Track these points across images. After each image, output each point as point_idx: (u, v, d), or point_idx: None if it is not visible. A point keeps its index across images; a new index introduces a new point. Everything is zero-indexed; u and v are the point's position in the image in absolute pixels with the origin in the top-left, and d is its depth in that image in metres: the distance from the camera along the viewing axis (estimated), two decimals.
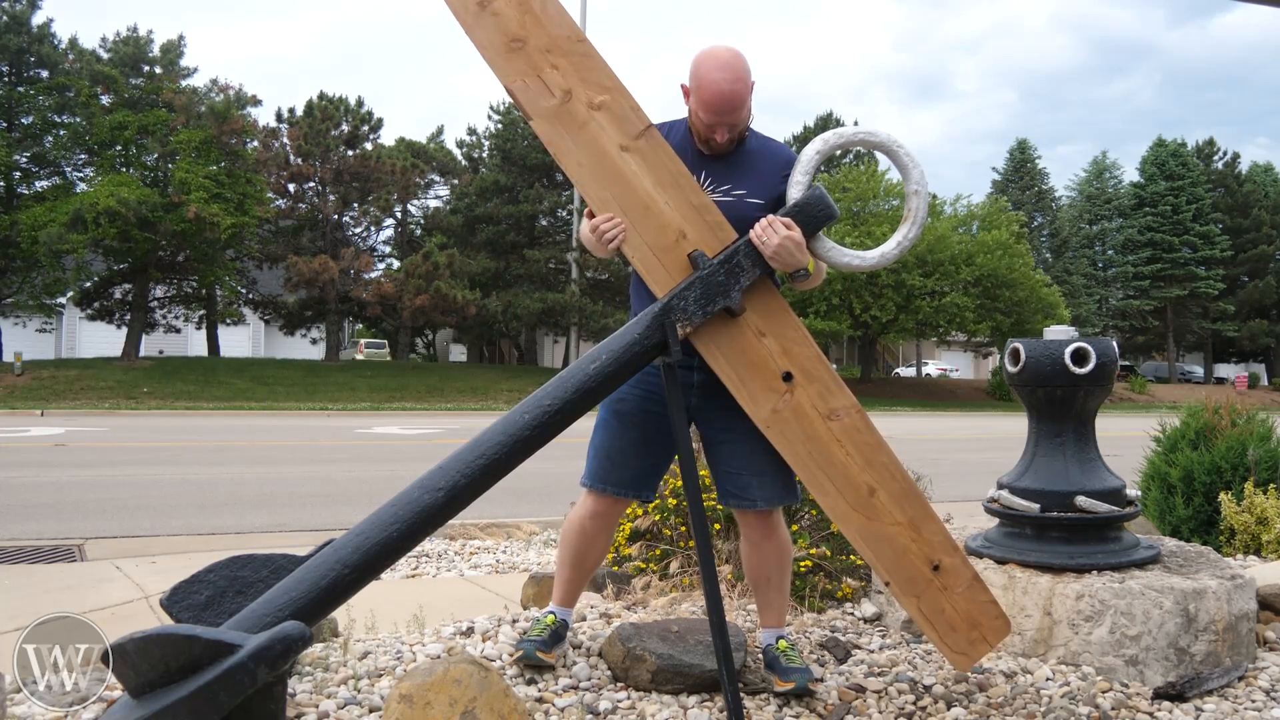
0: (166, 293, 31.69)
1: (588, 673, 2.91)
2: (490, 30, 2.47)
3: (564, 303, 30.85)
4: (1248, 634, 3.17)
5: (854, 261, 2.67)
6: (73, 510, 6.90)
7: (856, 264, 2.68)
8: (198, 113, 27.91)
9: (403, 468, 9.60)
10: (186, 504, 7.31)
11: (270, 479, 8.90)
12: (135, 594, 4.42)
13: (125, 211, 24.80)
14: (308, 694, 2.70)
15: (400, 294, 30.57)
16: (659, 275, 2.52)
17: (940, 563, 2.64)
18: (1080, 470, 3.35)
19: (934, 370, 46.62)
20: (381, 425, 17.33)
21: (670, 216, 2.53)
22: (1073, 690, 2.90)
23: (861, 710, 2.77)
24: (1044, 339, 3.43)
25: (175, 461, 10.41)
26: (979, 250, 31.10)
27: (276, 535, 6.04)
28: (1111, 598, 3.04)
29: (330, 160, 31.61)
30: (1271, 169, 50.24)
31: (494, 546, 5.74)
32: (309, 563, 2.12)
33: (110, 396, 22.74)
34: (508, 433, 2.25)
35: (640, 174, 2.52)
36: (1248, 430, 4.78)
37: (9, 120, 29.17)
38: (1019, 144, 47.75)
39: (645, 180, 2.52)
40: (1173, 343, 45.63)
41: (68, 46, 29.68)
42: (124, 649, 1.88)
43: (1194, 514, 4.64)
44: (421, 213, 39.17)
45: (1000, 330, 31.79)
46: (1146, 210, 44.79)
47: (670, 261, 2.52)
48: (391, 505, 2.18)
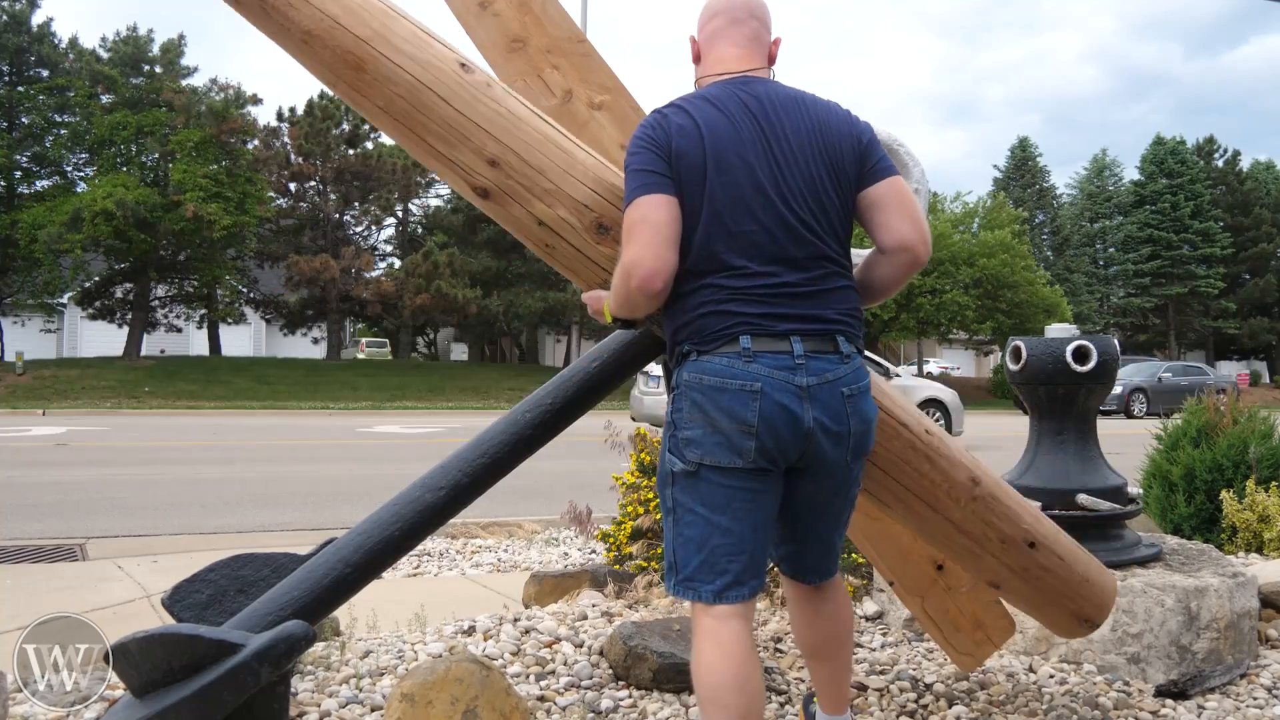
0: (168, 292, 31.69)
1: (589, 671, 2.91)
2: (491, 30, 2.47)
3: (565, 302, 30.86)
4: (1249, 632, 3.17)
5: (854, 260, 2.67)
6: (74, 509, 6.90)
7: (857, 263, 2.68)
8: (197, 112, 27.90)
9: (404, 467, 9.61)
10: (188, 503, 7.31)
11: (271, 478, 8.91)
12: (137, 593, 4.42)
13: (120, 212, 24.82)
14: (310, 693, 2.71)
15: (401, 293, 30.59)
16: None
17: (944, 563, 2.64)
18: (1082, 468, 3.35)
19: (935, 368, 46.63)
20: (383, 424, 17.33)
21: None
22: (1074, 688, 2.90)
23: (863, 708, 2.77)
24: (1045, 337, 3.43)
25: (177, 461, 10.41)
26: (980, 252, 31.08)
27: (278, 534, 6.04)
28: None
29: (331, 159, 31.61)
30: (1273, 166, 50.18)
31: (495, 545, 5.74)
32: (311, 562, 2.12)
33: (112, 396, 22.75)
34: (509, 431, 2.25)
35: None
36: (1249, 428, 4.78)
37: (9, 120, 29.18)
38: (1020, 142, 47.72)
39: None
40: (1174, 341, 45.60)
41: (68, 46, 29.69)
42: (127, 648, 1.88)
43: (1195, 512, 4.63)
44: (422, 212, 39.15)
45: (1001, 329, 31.77)
46: (1147, 208, 44.76)
47: None
48: (393, 504, 2.18)
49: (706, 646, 1.91)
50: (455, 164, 2.03)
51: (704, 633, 1.93)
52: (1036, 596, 2.46)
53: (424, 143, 2.03)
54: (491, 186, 2.03)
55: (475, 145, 2.00)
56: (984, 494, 2.30)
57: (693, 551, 1.93)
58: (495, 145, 2.00)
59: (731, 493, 1.91)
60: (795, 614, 2.26)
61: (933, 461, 2.24)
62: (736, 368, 1.88)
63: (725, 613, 1.91)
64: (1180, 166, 44.84)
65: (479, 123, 2.00)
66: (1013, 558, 2.36)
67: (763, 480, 1.93)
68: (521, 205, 2.04)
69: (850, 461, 2.00)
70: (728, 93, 1.99)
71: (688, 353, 1.95)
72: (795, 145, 1.96)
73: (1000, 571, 2.39)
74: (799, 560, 2.16)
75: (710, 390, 1.89)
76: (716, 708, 1.87)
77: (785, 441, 1.90)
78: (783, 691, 2.84)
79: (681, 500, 1.95)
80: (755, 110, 1.97)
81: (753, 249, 1.92)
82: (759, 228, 1.92)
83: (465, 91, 2.00)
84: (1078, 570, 2.45)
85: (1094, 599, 2.52)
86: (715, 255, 1.91)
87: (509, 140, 2.01)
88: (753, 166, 1.93)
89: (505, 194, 2.03)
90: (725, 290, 1.91)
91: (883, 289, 2.11)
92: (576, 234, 2.05)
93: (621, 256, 1.91)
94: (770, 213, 1.92)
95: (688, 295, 1.95)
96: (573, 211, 2.04)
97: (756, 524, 1.94)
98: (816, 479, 2.00)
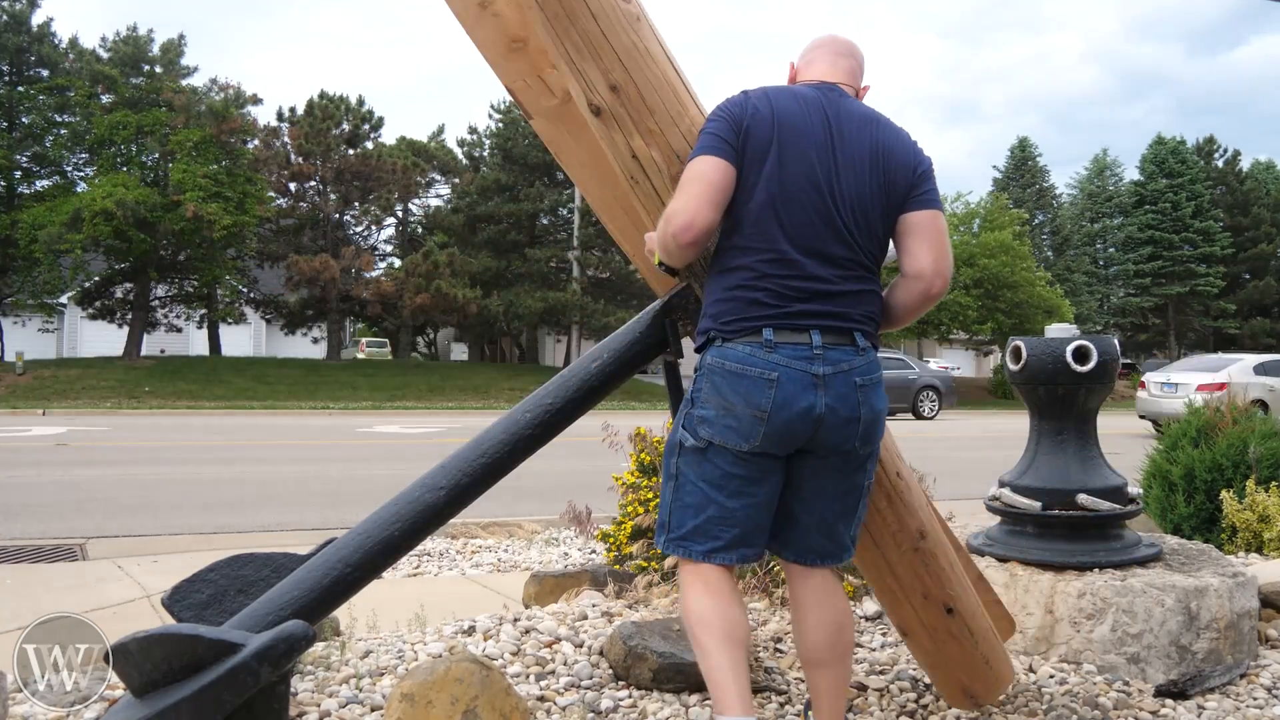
0: (168, 292, 31.67)
1: (589, 671, 2.91)
2: (491, 31, 2.47)
3: (565, 301, 30.83)
4: (1249, 632, 3.17)
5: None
6: (74, 509, 6.90)
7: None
8: (197, 112, 27.90)
9: (404, 466, 9.61)
10: (188, 503, 7.31)
11: (272, 478, 8.91)
12: (137, 593, 4.43)
13: (120, 212, 24.81)
14: (310, 693, 2.71)
15: (401, 293, 30.57)
16: (660, 273, 2.51)
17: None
18: (1082, 468, 3.35)
19: (935, 368, 46.59)
20: (383, 424, 17.33)
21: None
22: (1074, 688, 2.90)
23: (863, 708, 2.77)
24: (1045, 337, 3.43)
25: (177, 460, 10.41)
26: (980, 252, 31.07)
27: (278, 534, 6.04)
28: (1113, 595, 3.04)
29: (331, 159, 31.60)
30: (1273, 166, 50.17)
31: (495, 545, 5.74)
32: (311, 561, 2.12)
33: (112, 396, 22.74)
34: (509, 431, 2.25)
35: None
36: (1249, 428, 4.78)
37: (9, 120, 29.17)
38: (1019, 142, 47.71)
39: None
40: (1174, 341, 45.59)
41: (68, 46, 29.68)
42: (127, 648, 1.88)
43: (1195, 512, 4.63)
44: (422, 211, 39.16)
45: (1002, 329, 31.76)
46: (1147, 208, 44.75)
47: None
48: (393, 504, 2.18)
49: (694, 586, 2.10)
50: (581, 75, 2.13)
51: (691, 576, 2.11)
52: (936, 657, 2.56)
53: (560, 45, 2.12)
54: (605, 108, 2.14)
55: (604, 66, 2.12)
56: (926, 549, 2.41)
57: (689, 516, 2.10)
58: (621, 73, 2.13)
59: (734, 474, 2.06)
60: (796, 615, 2.27)
61: (890, 502, 2.36)
62: (757, 356, 2.02)
63: (711, 566, 2.09)
64: (1181, 166, 44.84)
65: (615, 48, 2.12)
66: (928, 615, 2.47)
67: (766, 465, 2.07)
68: (624, 134, 2.16)
69: (858, 447, 2.10)
70: (812, 94, 2.16)
71: (713, 338, 2.10)
72: (857, 156, 2.11)
73: (913, 623, 2.50)
74: (803, 542, 2.20)
75: (730, 375, 2.04)
76: (702, 632, 2.06)
77: (795, 427, 2.03)
78: (783, 691, 2.84)
79: (685, 472, 2.11)
80: (830, 115, 2.12)
81: (795, 235, 2.05)
82: (805, 219, 2.06)
83: (615, 15, 2.12)
84: (981, 649, 2.55)
85: (986, 680, 2.61)
86: (763, 234, 2.06)
87: (635, 73, 2.13)
88: (814, 163, 2.07)
89: (614, 119, 2.15)
90: (761, 276, 2.05)
91: (899, 314, 2.22)
92: (661, 177, 2.18)
93: (669, 204, 2.06)
94: (819, 208, 2.06)
95: (729, 272, 2.09)
96: (665, 157, 2.17)
97: (752, 504, 2.09)
98: (824, 458, 2.10)
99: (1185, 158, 45.32)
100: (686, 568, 2.12)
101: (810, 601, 2.22)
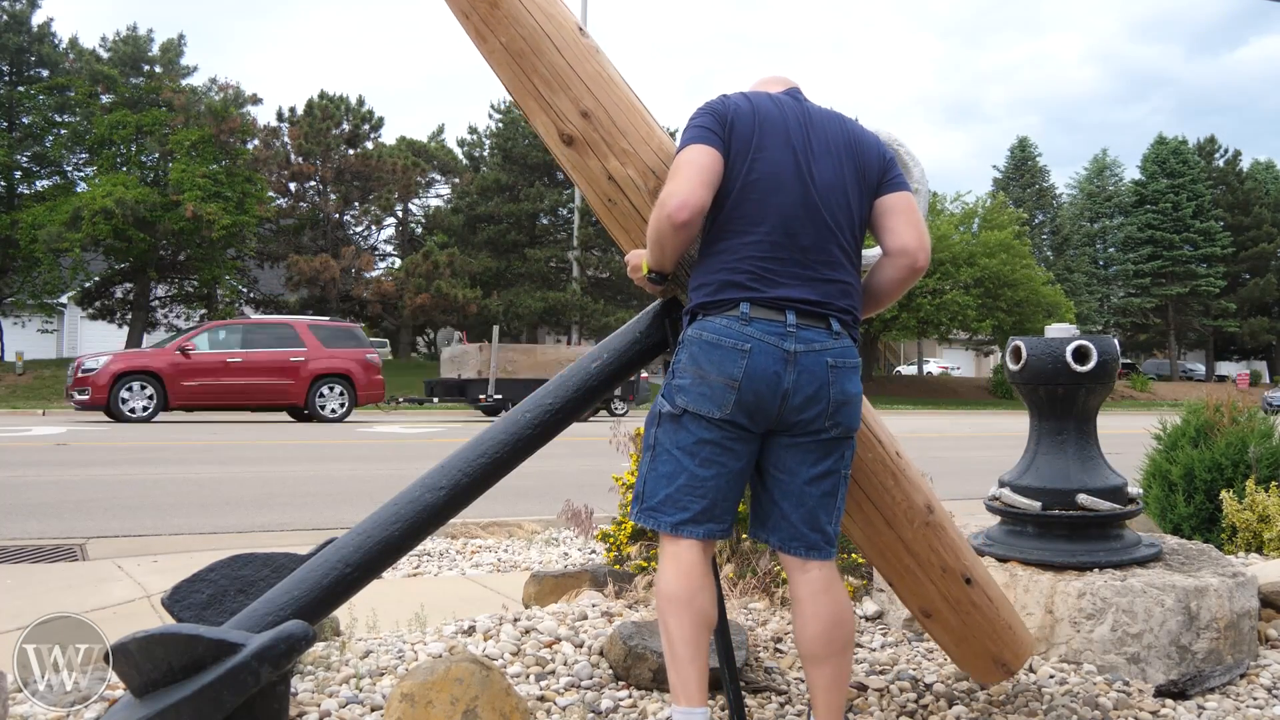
0: (168, 292, 31.70)
1: (589, 671, 2.91)
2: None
3: (565, 301, 30.87)
4: (1249, 632, 3.17)
5: (865, 262, 2.67)
6: (74, 509, 6.90)
7: (867, 265, 2.67)
8: (197, 112, 27.92)
9: (404, 466, 9.61)
10: (188, 503, 7.31)
11: (272, 478, 8.91)
12: (137, 593, 4.42)
13: (120, 211, 24.82)
14: (309, 693, 2.71)
15: (401, 293, 30.60)
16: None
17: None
18: (1082, 468, 3.35)
19: (935, 368, 46.63)
20: (383, 424, 17.34)
21: None
22: (1074, 688, 2.90)
23: (863, 708, 2.77)
24: (1045, 337, 3.43)
25: (176, 460, 10.41)
26: (981, 252, 31.08)
27: (278, 534, 6.03)
28: (1113, 595, 3.04)
29: (331, 159, 31.64)
30: (1273, 166, 50.22)
31: (495, 545, 5.74)
32: (311, 561, 2.12)
33: None
34: (509, 431, 2.26)
35: None
36: (1249, 427, 4.78)
37: (9, 120, 29.20)
38: (1019, 142, 47.74)
39: None
40: (1174, 340, 45.63)
41: (68, 46, 29.70)
42: (127, 648, 1.88)
43: (1195, 512, 4.63)
44: (422, 211, 39.19)
45: (1002, 328, 31.78)
46: (1147, 208, 44.77)
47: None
48: (393, 504, 2.18)
49: (667, 565, 2.18)
50: (551, 108, 2.25)
51: (666, 555, 2.19)
52: (963, 631, 2.58)
53: (529, 82, 2.24)
54: (578, 135, 2.25)
55: (574, 95, 2.23)
56: (935, 522, 2.46)
57: (661, 485, 2.18)
58: (591, 100, 2.23)
59: (706, 439, 2.15)
60: (794, 610, 2.29)
61: (897, 480, 2.42)
62: (733, 328, 2.13)
63: (685, 543, 2.16)
64: (1182, 166, 44.87)
65: (582, 78, 2.23)
66: (949, 588, 2.50)
67: (737, 437, 2.16)
68: (598, 158, 2.26)
69: (828, 427, 2.17)
70: (783, 97, 2.30)
71: (695, 313, 2.21)
72: (831, 147, 2.24)
73: (935, 599, 2.53)
74: (786, 529, 2.24)
75: (707, 345, 2.14)
76: (670, 614, 2.14)
77: (764, 398, 2.12)
78: (783, 691, 2.84)
79: (662, 440, 2.21)
80: (801, 115, 2.26)
81: (775, 217, 2.16)
82: (785, 202, 2.17)
83: (578, 48, 2.24)
84: (1003, 615, 2.60)
85: (1013, 646, 2.63)
86: (746, 220, 2.17)
87: (604, 99, 2.24)
88: (794, 151, 2.19)
89: (588, 144, 2.25)
90: (744, 259, 2.15)
91: (884, 293, 2.34)
92: (638, 194, 2.27)
93: (663, 188, 2.13)
94: (798, 193, 2.17)
95: (713, 256, 2.19)
96: (640, 174, 2.26)
97: (722, 475, 2.16)
98: (796, 438, 2.18)
99: (1186, 158, 45.35)
100: (664, 548, 2.21)
101: (806, 594, 2.24)
